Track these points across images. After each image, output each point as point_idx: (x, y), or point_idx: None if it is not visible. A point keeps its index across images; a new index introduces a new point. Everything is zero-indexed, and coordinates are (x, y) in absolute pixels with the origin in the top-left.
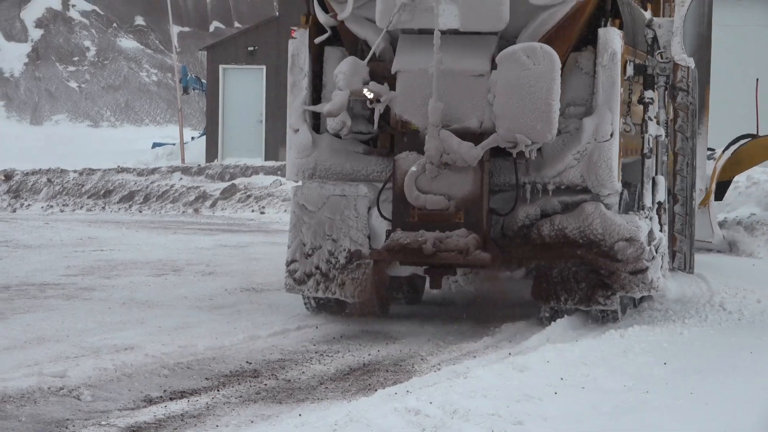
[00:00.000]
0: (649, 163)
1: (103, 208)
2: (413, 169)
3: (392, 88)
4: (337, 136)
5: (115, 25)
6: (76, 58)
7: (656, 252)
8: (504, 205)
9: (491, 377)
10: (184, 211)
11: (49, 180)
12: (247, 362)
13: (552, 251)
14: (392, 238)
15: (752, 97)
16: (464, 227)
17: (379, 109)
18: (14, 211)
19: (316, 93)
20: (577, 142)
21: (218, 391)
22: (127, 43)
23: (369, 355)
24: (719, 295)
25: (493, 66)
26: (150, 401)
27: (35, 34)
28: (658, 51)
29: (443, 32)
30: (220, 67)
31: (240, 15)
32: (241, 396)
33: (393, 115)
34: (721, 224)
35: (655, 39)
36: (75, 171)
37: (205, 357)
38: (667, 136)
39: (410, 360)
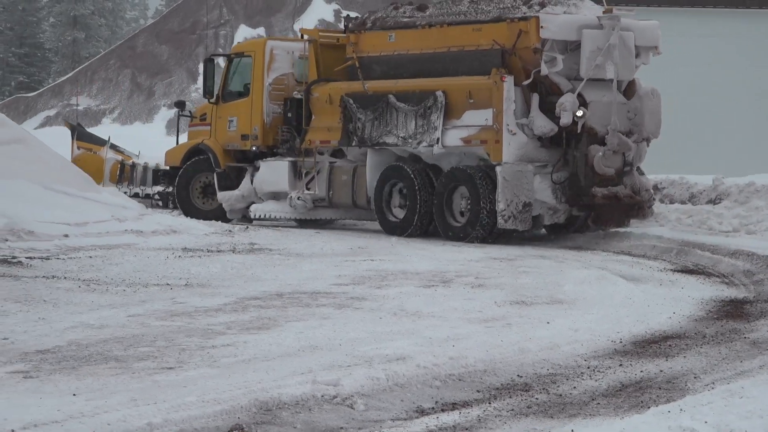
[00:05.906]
0: (643, 146)
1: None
2: (599, 153)
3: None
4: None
5: None
6: None
7: (655, 196)
8: None
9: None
10: None
11: None
12: (518, 375)
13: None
14: (597, 191)
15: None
16: (622, 184)
17: (581, 123)
18: None
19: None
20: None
21: (489, 403)
22: None
23: (641, 371)
24: None
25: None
26: (422, 412)
27: None
28: None
29: (608, 80)
30: None
31: None
32: (512, 409)
33: (586, 124)
34: None
35: None
36: None
37: (476, 369)
38: None
39: (683, 378)
